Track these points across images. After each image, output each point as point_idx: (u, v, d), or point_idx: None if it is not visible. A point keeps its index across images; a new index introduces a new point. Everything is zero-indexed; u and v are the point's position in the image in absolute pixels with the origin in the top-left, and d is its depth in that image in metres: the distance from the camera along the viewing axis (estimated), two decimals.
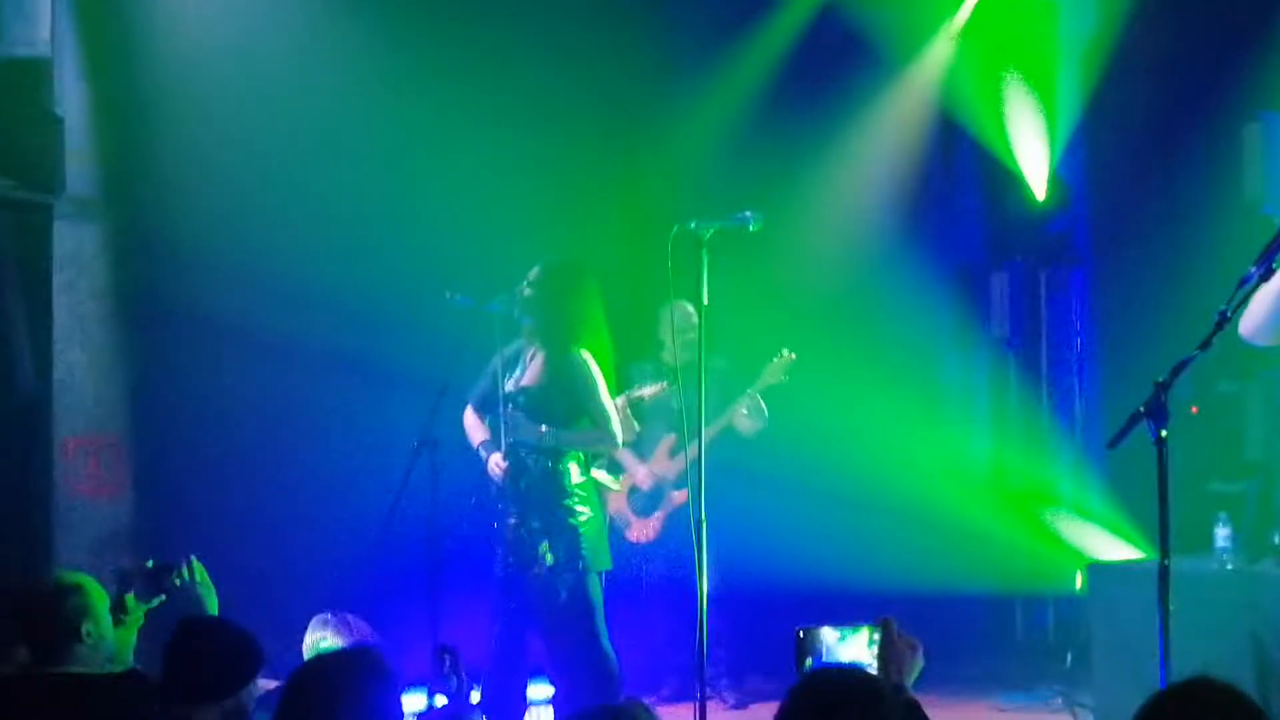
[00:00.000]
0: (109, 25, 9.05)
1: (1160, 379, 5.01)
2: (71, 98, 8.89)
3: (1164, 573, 4.94)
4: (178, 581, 5.72)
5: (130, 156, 9.13)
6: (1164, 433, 4.91)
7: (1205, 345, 5.16)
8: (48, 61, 8.76)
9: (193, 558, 5.72)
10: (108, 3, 9.09)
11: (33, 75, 8.70)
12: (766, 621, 8.25)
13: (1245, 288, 5.24)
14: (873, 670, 3.83)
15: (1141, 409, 4.93)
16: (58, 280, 8.86)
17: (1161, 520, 4.93)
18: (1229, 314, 5.17)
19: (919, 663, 3.87)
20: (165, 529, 8.79)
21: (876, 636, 3.86)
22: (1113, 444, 4.98)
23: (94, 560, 8.32)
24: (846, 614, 9.15)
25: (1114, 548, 10.19)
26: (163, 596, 5.74)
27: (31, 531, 8.68)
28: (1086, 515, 10.64)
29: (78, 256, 8.98)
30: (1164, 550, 4.94)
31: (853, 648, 3.89)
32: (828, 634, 3.91)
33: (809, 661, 3.95)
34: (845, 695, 3.10)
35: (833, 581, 9.37)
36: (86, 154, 8.99)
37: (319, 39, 9.28)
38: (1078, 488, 10.87)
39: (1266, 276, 5.20)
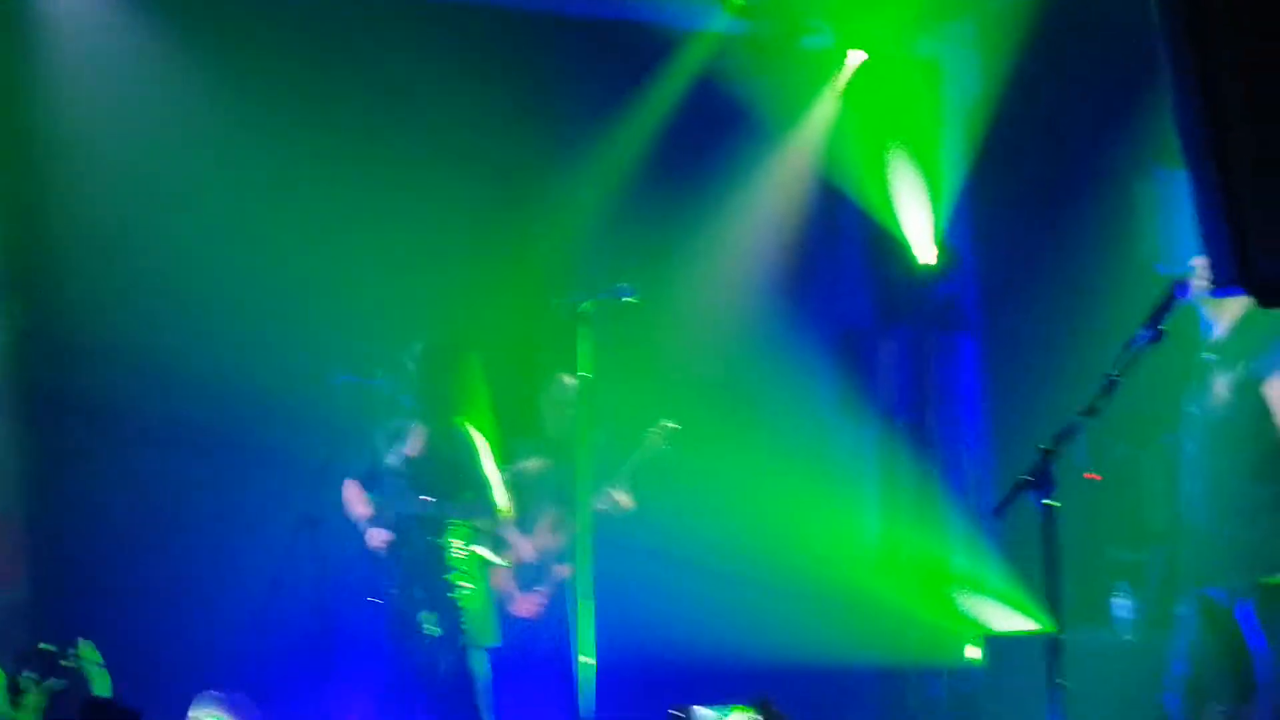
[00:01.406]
0: (9, 117, 9.09)
1: (1044, 446, 5.05)
2: None
3: (1054, 646, 4.99)
4: (67, 663, 5.76)
5: (24, 247, 9.19)
6: (1050, 501, 4.94)
7: (1091, 412, 5.22)
8: None
9: (80, 640, 5.77)
10: (8, 95, 9.14)
11: None
12: (654, 697, 8.30)
13: (1133, 350, 5.31)
14: None
15: (1026, 477, 4.97)
16: None
17: (1051, 591, 4.97)
18: (1118, 379, 5.22)
19: None
20: (62, 611, 8.82)
21: (754, 715, 3.92)
22: (998, 512, 5.04)
23: None
24: (735, 689, 9.27)
25: (1009, 618, 10.31)
26: (63, 681, 5.78)
27: None
28: (980, 585, 10.73)
29: None
30: (1055, 622, 4.97)
31: None
32: (703, 714, 3.98)
33: None
34: None
35: (721, 656, 9.50)
36: None
37: (210, 125, 9.49)
38: (971, 557, 10.97)
39: (1156, 339, 5.28)
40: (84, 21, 9.31)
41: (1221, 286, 2.41)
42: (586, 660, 6.93)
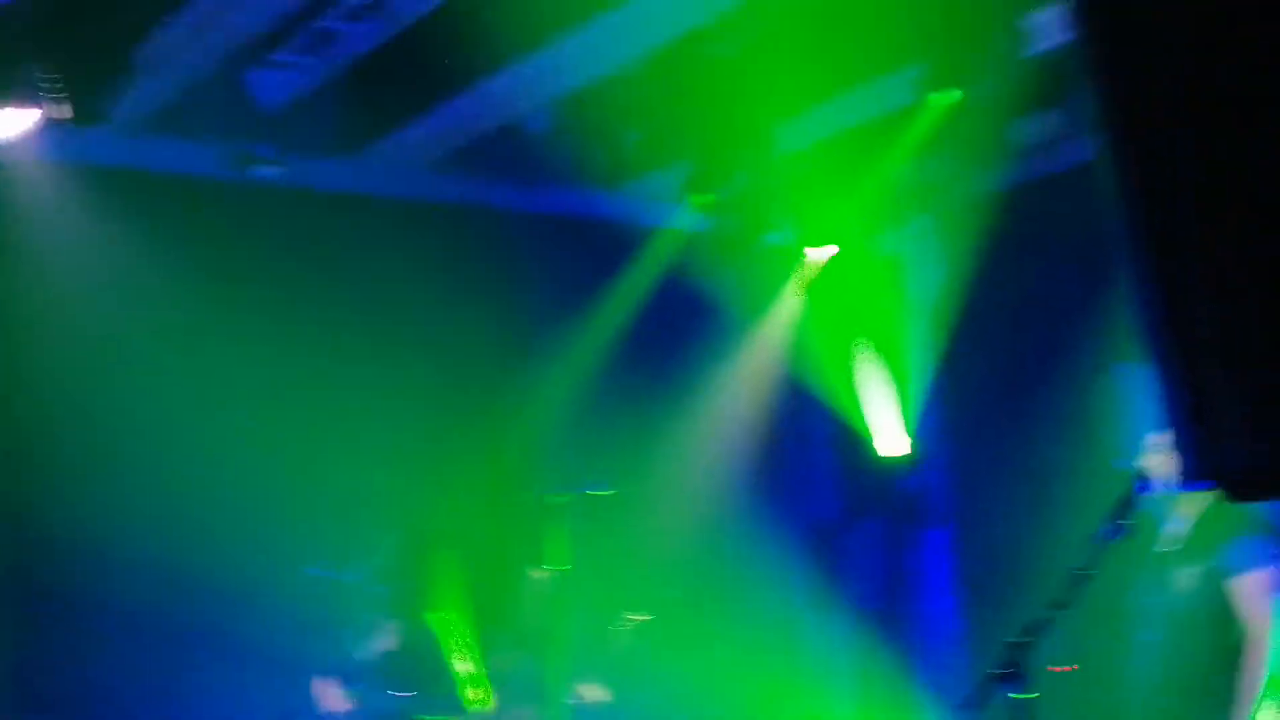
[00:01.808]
0: None
1: (1011, 639, 5.03)
2: None
3: None
4: None
5: None
6: (1022, 695, 4.90)
7: (1059, 605, 5.21)
8: None
9: None
10: None
11: None
12: None
13: (1099, 543, 5.33)
14: None
15: (995, 670, 4.93)
16: None
17: None
18: (1085, 573, 5.23)
19: None
20: None
21: None
22: (967, 705, 4.97)
23: None
24: None
25: None
26: None
27: None
28: None
29: None
30: None
31: None
32: None
33: None
34: None
35: None
36: None
37: (187, 319, 9.54)
38: None
39: (1120, 534, 5.30)
40: (45, 205, 9.31)
41: (1190, 480, 2.41)
42: None
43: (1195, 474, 2.41)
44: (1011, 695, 4.85)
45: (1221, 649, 5.93)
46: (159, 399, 9.41)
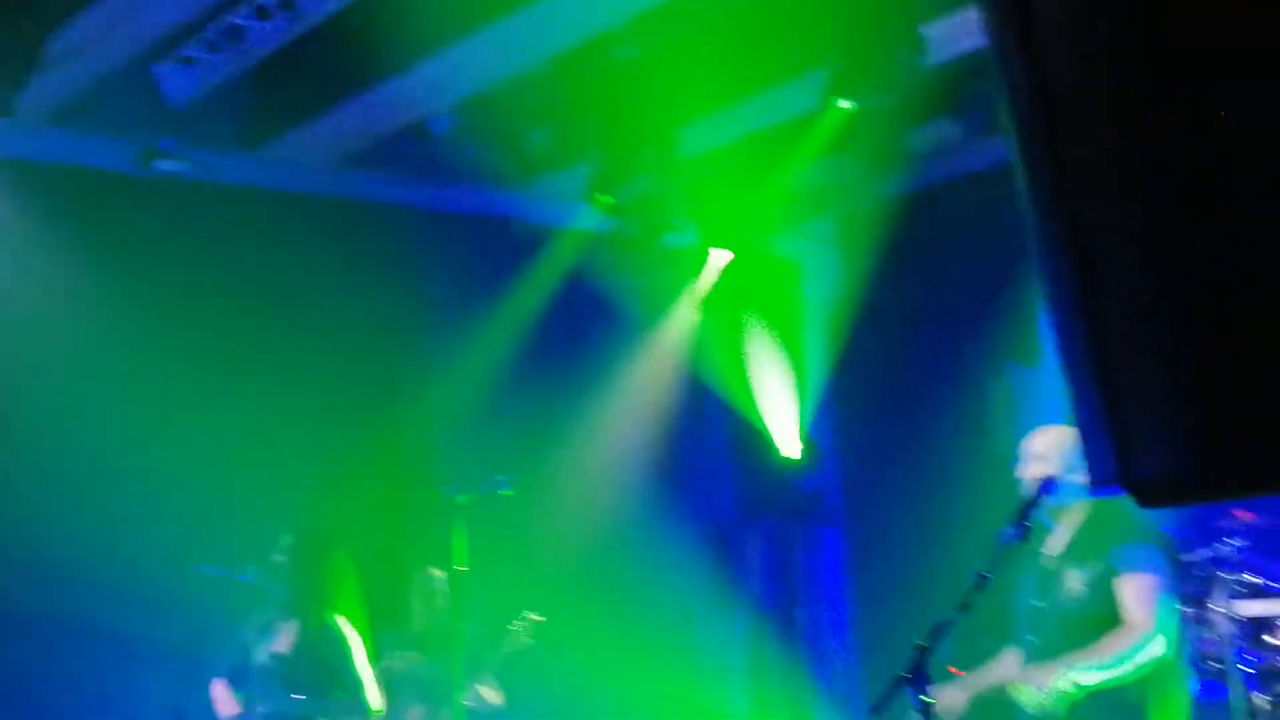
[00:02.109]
0: None
1: (920, 642, 5.08)
2: None
3: None
4: None
5: None
6: (927, 698, 4.97)
7: (964, 608, 5.28)
8: None
9: None
10: None
11: None
12: None
13: (1001, 547, 5.38)
14: None
15: (904, 674, 4.99)
16: None
17: None
18: (988, 575, 5.29)
19: None
20: None
21: None
22: (875, 710, 5.02)
23: None
24: None
25: None
26: None
27: None
28: None
29: None
30: None
31: None
32: None
33: None
34: None
35: None
36: None
37: (80, 313, 9.37)
38: None
39: (1023, 536, 5.35)
40: None
41: (1100, 486, 2.41)
42: None
43: (1105, 479, 2.41)
44: (920, 697, 4.92)
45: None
46: (50, 393, 9.26)
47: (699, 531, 11.59)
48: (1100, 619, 6.05)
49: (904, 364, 11.03)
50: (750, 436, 11.49)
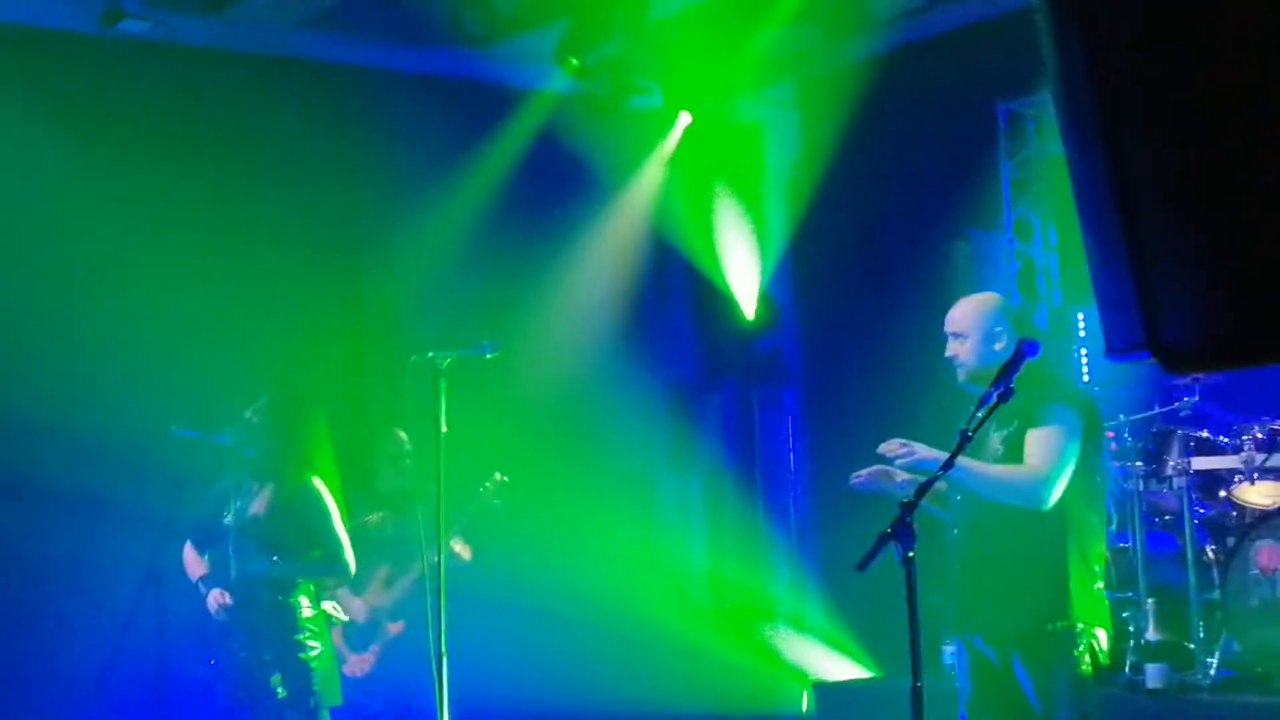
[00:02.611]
0: None
1: (905, 499, 5.17)
2: None
3: (916, 694, 5.08)
4: None
5: None
6: (911, 553, 5.05)
7: (948, 466, 5.37)
8: None
9: None
10: None
11: None
12: None
13: (985, 406, 5.44)
14: None
15: (889, 530, 5.06)
16: None
17: (912, 641, 5.06)
18: (970, 434, 5.36)
19: None
20: None
21: None
22: (861, 566, 5.09)
23: None
24: None
25: (834, 664, 10.39)
26: None
27: None
28: (805, 631, 10.82)
29: None
30: (915, 671, 5.06)
31: None
32: None
33: None
34: None
35: (551, 703, 9.44)
36: None
37: (48, 170, 9.21)
38: (796, 604, 11.06)
39: (1006, 396, 5.41)
40: None
41: (1122, 352, 2.40)
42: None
43: (1129, 346, 2.39)
44: (907, 552, 5.01)
45: (1016, 512, 6.07)
46: (20, 252, 9.15)
47: (661, 391, 11.65)
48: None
49: (865, 228, 11.02)
50: (712, 297, 11.50)
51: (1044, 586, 6.07)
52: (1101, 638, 6.07)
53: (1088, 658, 6.02)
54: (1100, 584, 6.15)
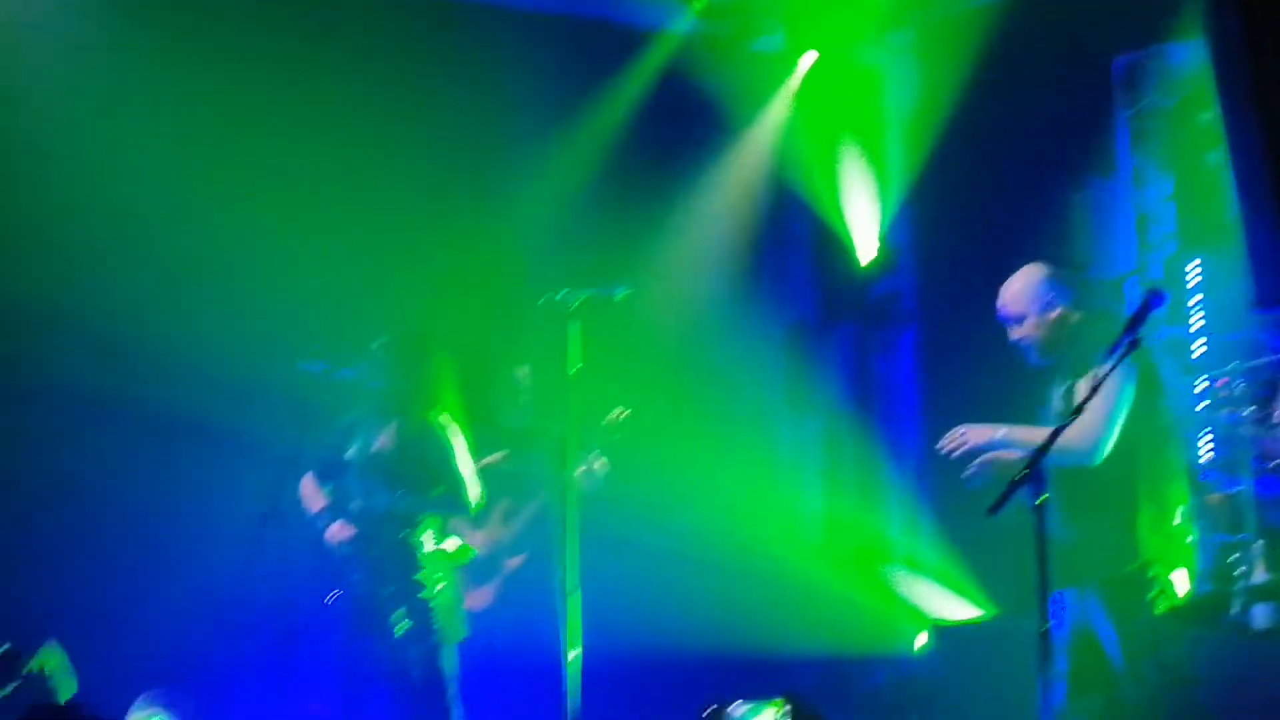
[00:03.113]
0: None
1: (1040, 445, 5.20)
2: None
3: (1044, 638, 5.10)
4: (32, 669, 5.65)
5: None
6: (1043, 498, 5.07)
7: (1078, 412, 5.39)
8: None
9: (50, 642, 5.66)
10: None
11: None
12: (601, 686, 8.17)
13: (1114, 357, 5.42)
14: None
15: (1020, 475, 5.09)
16: None
17: (1041, 586, 5.09)
18: (1098, 384, 5.37)
19: None
20: (9, 602, 8.60)
21: (785, 710, 3.91)
22: (993, 510, 5.12)
23: None
24: (684, 677, 9.22)
25: (951, 605, 10.38)
26: (16, 683, 5.67)
27: None
28: (922, 572, 10.82)
29: None
30: (1043, 615, 5.09)
31: None
32: (735, 709, 3.96)
33: None
34: None
35: (668, 639, 9.47)
36: None
37: (161, 103, 9.23)
38: (913, 545, 11.06)
39: (1133, 346, 5.39)
40: None
41: (1270, 306, 2.39)
42: (574, 653, 6.89)
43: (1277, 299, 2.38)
44: (1038, 498, 5.05)
45: None
46: (152, 179, 9.11)
47: (779, 333, 11.63)
48: None
49: (984, 174, 10.90)
50: (831, 240, 11.46)
51: (1114, 531, 6.10)
52: (1179, 579, 6.11)
53: (1163, 598, 6.06)
54: (1178, 524, 6.19)
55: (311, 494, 7.75)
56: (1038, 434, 6.01)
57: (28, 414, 8.97)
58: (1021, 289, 6.40)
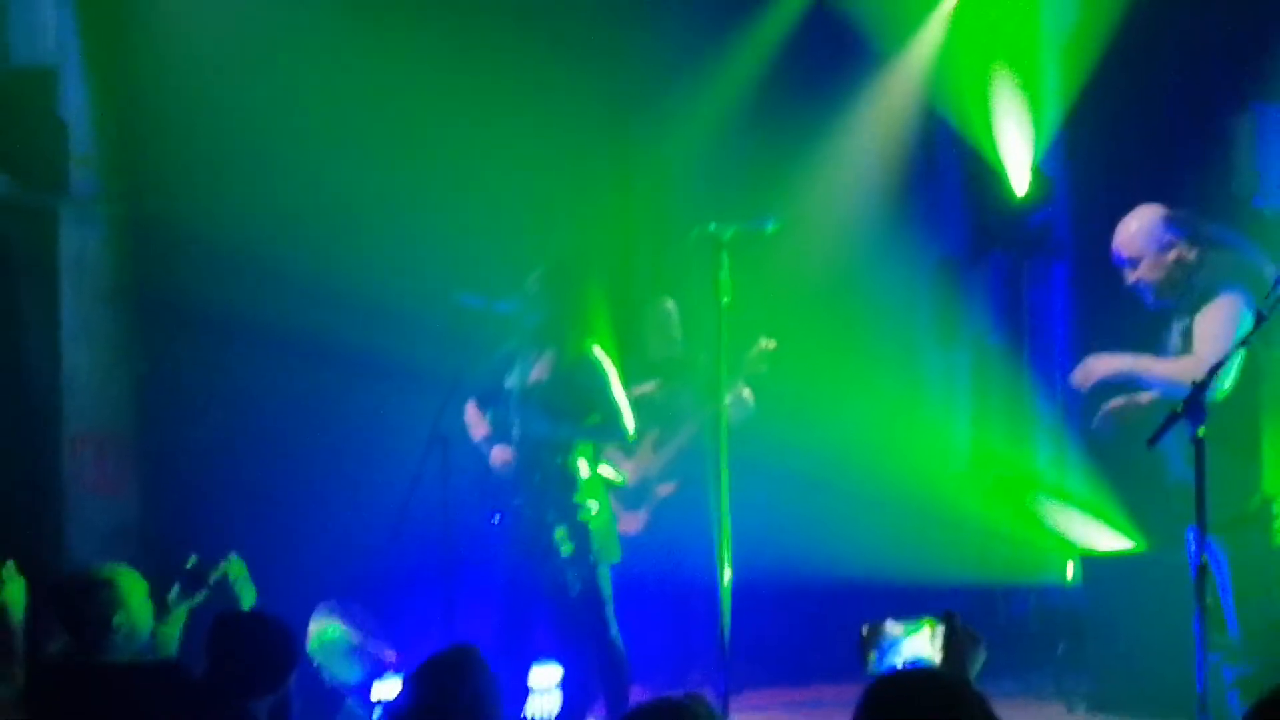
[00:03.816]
0: (112, 31, 9.19)
1: (1198, 379, 5.23)
2: (75, 102, 9.02)
3: (1202, 571, 5.14)
4: (215, 576, 5.88)
5: (134, 158, 9.31)
6: (1201, 431, 5.11)
7: (1244, 342, 5.41)
8: (53, 69, 8.89)
9: (233, 555, 5.89)
10: (110, 9, 9.19)
11: (38, 82, 8.86)
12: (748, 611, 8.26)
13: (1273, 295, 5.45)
14: (935, 662, 3.94)
15: (1180, 409, 5.14)
16: (64, 281, 8.96)
17: (1200, 520, 5.13)
18: (1266, 314, 5.38)
19: (981, 655, 3.98)
20: (174, 524, 8.91)
21: (940, 630, 3.97)
22: (1152, 442, 5.18)
23: (105, 555, 8.40)
24: (829, 603, 9.28)
25: (1099, 535, 10.36)
26: (205, 591, 5.92)
27: (43, 526, 8.82)
28: (1068, 502, 10.80)
29: (82, 257, 9.11)
30: (1200, 548, 5.13)
31: (916, 641, 4.01)
32: (892, 628, 4.03)
33: (873, 655, 4.05)
34: (926, 696, 3.13)
35: (816, 566, 9.53)
36: (91, 157, 9.11)
37: (325, 38, 9.42)
38: (1059, 476, 11.03)
39: None
40: None
41: None
42: (727, 576, 7.03)
43: None
44: (1197, 430, 5.09)
45: None
46: (317, 123, 9.36)
47: (929, 263, 11.62)
48: None
49: (1143, 101, 10.76)
50: (983, 170, 11.35)
51: (1236, 466, 6.09)
52: None
53: None
54: None
55: (475, 420, 7.91)
56: (1162, 364, 6.04)
57: (226, 348, 9.38)
58: (1135, 230, 6.38)
